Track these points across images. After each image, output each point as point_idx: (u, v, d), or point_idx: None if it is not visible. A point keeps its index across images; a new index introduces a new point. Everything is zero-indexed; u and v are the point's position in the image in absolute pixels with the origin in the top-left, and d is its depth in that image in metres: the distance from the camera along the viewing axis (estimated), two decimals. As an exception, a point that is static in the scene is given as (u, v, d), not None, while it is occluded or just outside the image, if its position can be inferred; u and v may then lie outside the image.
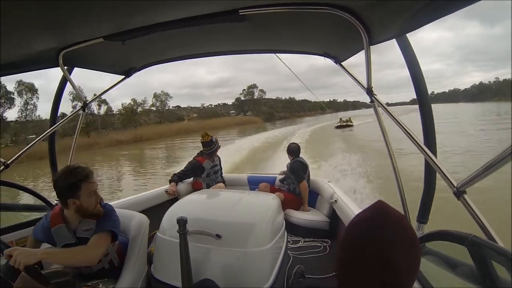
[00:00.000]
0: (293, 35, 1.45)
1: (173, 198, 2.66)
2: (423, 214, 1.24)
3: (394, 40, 1.10)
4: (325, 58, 1.64)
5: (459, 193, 0.92)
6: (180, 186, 2.83)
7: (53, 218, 1.32)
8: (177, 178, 2.85)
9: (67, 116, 1.95)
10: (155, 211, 2.31)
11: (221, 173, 3.15)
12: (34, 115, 34.15)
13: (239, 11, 1.04)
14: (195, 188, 2.88)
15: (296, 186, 3.04)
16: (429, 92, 1.29)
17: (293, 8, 1.01)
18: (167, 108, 55.07)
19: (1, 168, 1.62)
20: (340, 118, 32.34)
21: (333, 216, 2.72)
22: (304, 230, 2.75)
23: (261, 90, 73.13)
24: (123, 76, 1.96)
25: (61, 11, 0.94)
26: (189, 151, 17.42)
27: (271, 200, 1.81)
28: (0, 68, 1.36)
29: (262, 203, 1.81)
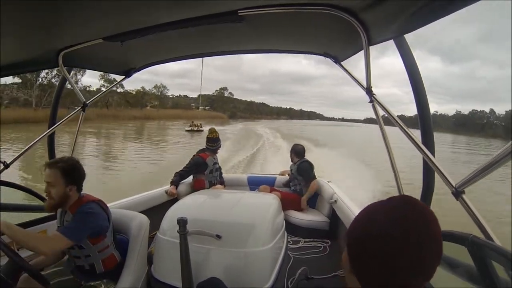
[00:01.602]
0: (292, 35, 1.45)
1: (173, 199, 2.66)
2: None
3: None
4: (325, 57, 1.64)
5: (457, 193, 0.92)
6: (180, 186, 2.82)
7: None
8: (179, 177, 2.82)
9: (67, 116, 1.95)
10: (155, 212, 2.31)
11: (221, 173, 3.15)
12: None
13: (238, 11, 1.04)
14: (197, 186, 2.86)
15: (303, 186, 3.03)
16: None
17: (292, 8, 1.01)
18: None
19: (1, 168, 1.62)
20: (192, 122, 31.65)
21: (333, 216, 2.72)
22: (304, 230, 2.75)
23: (230, 93, 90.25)
24: (123, 76, 1.96)
25: (61, 12, 0.94)
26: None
27: (271, 201, 1.81)
28: (0, 69, 1.36)
29: (262, 203, 1.81)
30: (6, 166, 1.63)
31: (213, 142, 2.99)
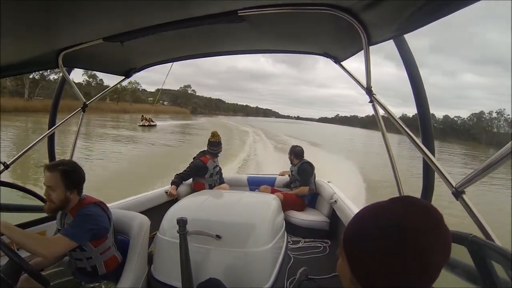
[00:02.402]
0: (292, 35, 1.45)
1: (173, 199, 2.66)
2: None
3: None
4: (325, 58, 1.64)
5: (457, 193, 0.92)
6: (180, 187, 2.82)
7: None
8: (180, 179, 2.82)
9: (68, 116, 1.95)
10: (155, 212, 2.31)
11: (221, 174, 3.15)
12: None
13: (238, 12, 1.04)
14: (196, 189, 2.83)
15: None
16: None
17: (292, 8, 1.01)
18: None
19: (1, 168, 1.62)
20: (142, 116, 30.77)
21: (333, 216, 2.72)
22: (304, 230, 2.75)
23: (193, 90, 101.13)
24: (123, 77, 1.96)
25: (61, 13, 0.94)
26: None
27: (271, 201, 1.81)
28: (0, 69, 1.36)
29: (262, 203, 1.81)
30: (6, 166, 1.63)
31: (215, 146, 2.94)
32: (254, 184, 3.30)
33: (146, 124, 28.65)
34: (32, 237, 1.21)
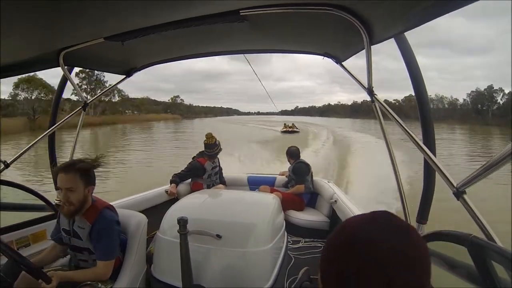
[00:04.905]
0: (293, 35, 1.45)
1: (173, 199, 2.65)
2: (423, 214, 1.24)
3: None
4: (326, 58, 1.64)
5: (458, 193, 0.92)
6: (180, 186, 2.82)
7: None
8: (178, 179, 2.82)
9: (68, 116, 1.95)
10: (155, 211, 2.31)
11: (221, 174, 3.15)
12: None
13: (240, 11, 1.04)
14: (194, 189, 2.83)
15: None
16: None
17: (294, 8, 1.01)
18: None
19: (1, 167, 1.62)
20: (284, 124, 31.12)
21: (333, 216, 2.72)
22: (304, 230, 2.75)
23: (181, 99, 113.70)
24: (124, 76, 1.96)
25: (62, 12, 0.94)
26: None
27: (271, 200, 1.81)
28: (1, 69, 1.36)
29: (262, 203, 1.81)
30: (7, 165, 1.63)
31: (210, 148, 2.90)
32: (254, 183, 3.31)
33: (290, 130, 28.64)
34: (84, 274, 1.30)
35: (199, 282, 1.31)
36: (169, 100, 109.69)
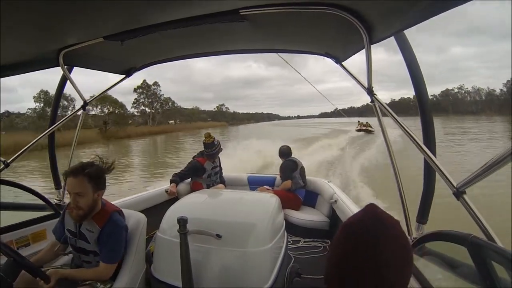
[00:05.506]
0: (293, 35, 1.45)
1: (173, 198, 2.65)
2: (423, 214, 1.24)
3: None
4: (326, 58, 1.64)
5: (458, 193, 0.92)
6: (180, 186, 2.82)
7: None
8: (178, 178, 2.82)
9: (68, 116, 1.95)
10: (155, 211, 2.31)
11: (221, 173, 3.15)
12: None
13: (240, 11, 1.04)
14: (194, 189, 2.82)
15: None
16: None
17: (294, 8, 1.01)
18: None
19: (1, 167, 1.62)
20: (359, 121, 32.00)
21: (333, 216, 2.72)
22: (304, 230, 2.75)
23: (227, 107, 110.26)
24: (124, 76, 1.96)
25: (61, 12, 0.94)
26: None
27: (271, 200, 1.81)
28: (1, 69, 1.36)
29: (262, 203, 1.81)
30: (6, 165, 1.63)
31: (208, 147, 2.89)
32: (254, 183, 3.31)
33: (364, 128, 29.35)
34: (86, 273, 1.31)
35: (199, 282, 1.31)
36: (214, 108, 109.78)
